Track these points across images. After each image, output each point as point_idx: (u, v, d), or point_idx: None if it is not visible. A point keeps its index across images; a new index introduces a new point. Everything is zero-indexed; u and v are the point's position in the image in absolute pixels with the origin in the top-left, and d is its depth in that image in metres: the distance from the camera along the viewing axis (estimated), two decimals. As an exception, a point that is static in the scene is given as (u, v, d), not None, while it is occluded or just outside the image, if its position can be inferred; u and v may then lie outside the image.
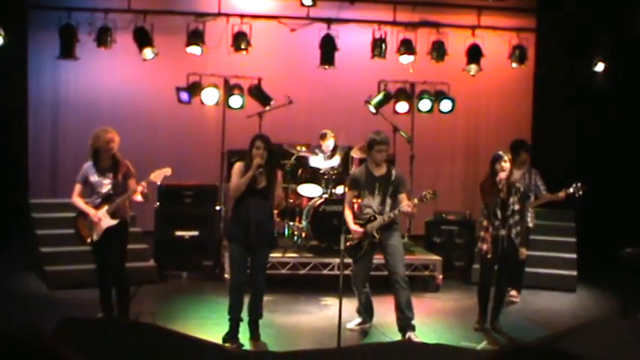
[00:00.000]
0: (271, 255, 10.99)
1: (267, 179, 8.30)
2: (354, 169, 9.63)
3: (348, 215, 8.89)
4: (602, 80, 13.23)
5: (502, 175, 8.82)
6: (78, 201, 8.63)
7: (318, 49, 13.33)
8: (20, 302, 9.87)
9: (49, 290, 10.45)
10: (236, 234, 8.31)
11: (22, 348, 2.30)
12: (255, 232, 8.20)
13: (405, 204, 8.61)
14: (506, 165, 8.85)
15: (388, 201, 8.76)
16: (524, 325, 9.65)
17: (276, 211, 11.78)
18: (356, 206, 9.36)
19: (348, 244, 8.78)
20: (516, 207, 8.94)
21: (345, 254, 8.90)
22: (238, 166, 8.41)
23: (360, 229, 8.75)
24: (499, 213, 8.87)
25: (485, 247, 8.96)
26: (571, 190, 10.33)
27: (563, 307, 10.85)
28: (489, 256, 8.94)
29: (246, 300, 8.49)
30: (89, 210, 8.55)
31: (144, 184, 8.56)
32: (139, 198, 8.62)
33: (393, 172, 8.87)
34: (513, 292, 10.76)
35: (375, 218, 8.75)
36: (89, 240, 8.63)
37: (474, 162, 14.87)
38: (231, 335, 8.36)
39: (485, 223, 9.05)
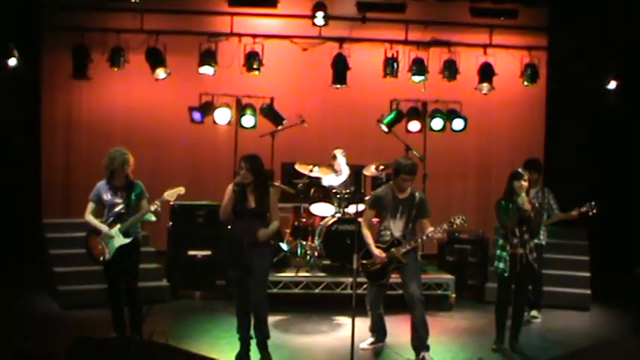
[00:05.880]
0: (284, 274, 11.04)
1: (256, 200, 8.22)
2: (377, 190, 9.50)
3: (369, 237, 8.80)
4: (615, 97, 13.19)
5: (525, 198, 8.75)
6: (91, 218, 8.66)
7: (330, 68, 13.36)
8: (33, 322, 9.87)
9: (62, 310, 10.45)
10: (230, 258, 8.24)
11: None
12: (248, 252, 8.11)
13: (435, 230, 8.59)
14: (525, 184, 8.81)
15: (410, 225, 8.75)
16: (539, 344, 9.57)
17: (288, 230, 11.84)
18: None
19: (371, 269, 8.75)
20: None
21: (369, 280, 8.89)
22: (228, 187, 8.37)
23: (383, 255, 8.71)
24: (517, 231, 8.82)
25: (502, 265, 8.88)
26: (584, 209, 10.30)
27: (578, 326, 10.77)
28: (506, 274, 8.88)
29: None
30: (102, 227, 8.58)
31: (158, 202, 8.57)
32: (152, 218, 8.64)
33: (417, 194, 8.81)
34: (534, 312, 10.73)
35: (399, 242, 8.68)
36: (101, 259, 8.65)
37: (487, 180, 14.82)
38: (242, 354, 8.36)
39: (501, 241, 8.98)
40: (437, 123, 13.22)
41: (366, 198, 10.71)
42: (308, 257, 11.63)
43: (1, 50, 11.90)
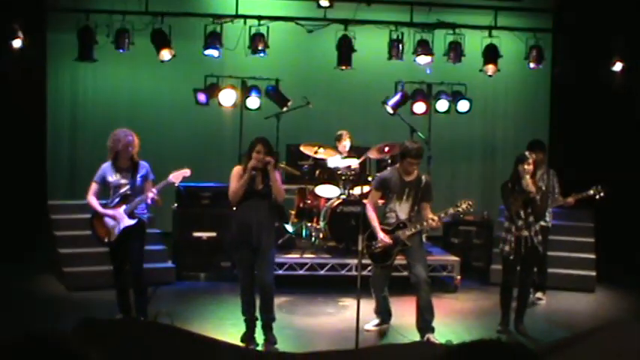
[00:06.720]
0: (289, 256, 11.07)
1: (264, 181, 8.26)
2: (383, 172, 9.52)
3: (374, 220, 8.79)
4: (620, 80, 13.13)
5: (529, 181, 8.75)
6: (93, 200, 8.66)
7: (335, 50, 13.30)
8: (39, 303, 9.92)
9: (68, 291, 10.50)
10: (239, 239, 8.24)
11: (45, 350, 2.31)
12: (256, 232, 8.14)
13: (431, 219, 8.58)
14: (530, 167, 8.79)
15: (416, 207, 8.75)
16: (544, 326, 9.60)
17: (293, 212, 11.85)
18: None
19: (376, 251, 8.76)
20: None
21: (373, 261, 8.91)
22: (236, 170, 8.37)
23: (388, 237, 8.72)
24: (522, 214, 8.82)
25: (507, 248, 8.89)
26: (591, 192, 10.27)
27: (583, 307, 10.80)
28: (512, 257, 8.89)
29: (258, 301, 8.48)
30: (104, 211, 8.59)
31: (154, 190, 8.56)
32: (149, 201, 8.61)
33: (423, 178, 8.82)
34: (539, 294, 10.74)
35: (405, 225, 8.69)
36: (106, 240, 8.67)
37: (492, 162, 14.82)
38: (248, 336, 8.39)
39: (506, 224, 8.99)
40: (442, 105, 13.24)
41: (371, 180, 10.73)
42: (313, 239, 11.65)
43: (6, 32, 11.90)
